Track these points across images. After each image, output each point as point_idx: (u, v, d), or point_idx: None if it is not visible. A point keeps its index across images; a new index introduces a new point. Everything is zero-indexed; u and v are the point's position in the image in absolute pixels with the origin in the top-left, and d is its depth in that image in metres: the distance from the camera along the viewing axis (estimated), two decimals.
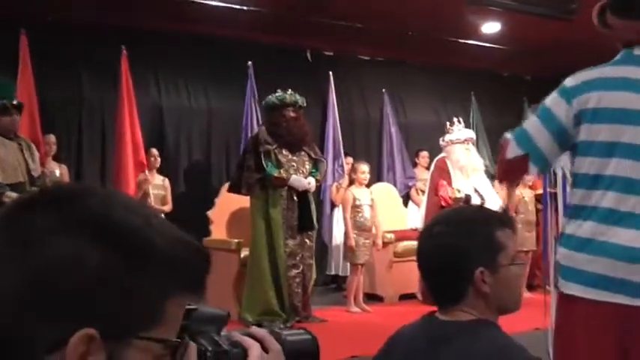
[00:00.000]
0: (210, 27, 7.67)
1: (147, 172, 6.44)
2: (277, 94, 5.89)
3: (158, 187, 6.68)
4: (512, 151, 2.15)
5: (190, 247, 0.72)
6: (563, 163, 3.20)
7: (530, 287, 7.42)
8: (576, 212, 2.08)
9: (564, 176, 3.21)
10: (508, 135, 2.22)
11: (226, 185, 6.63)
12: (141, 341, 0.67)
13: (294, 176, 5.71)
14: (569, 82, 2.12)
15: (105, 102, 7.02)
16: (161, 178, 6.80)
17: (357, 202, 6.44)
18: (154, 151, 6.80)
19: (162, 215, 6.65)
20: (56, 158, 6.44)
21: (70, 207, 0.67)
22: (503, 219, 1.62)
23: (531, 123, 2.16)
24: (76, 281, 0.64)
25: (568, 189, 3.18)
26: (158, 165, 6.80)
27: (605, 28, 2.10)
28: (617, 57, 2.11)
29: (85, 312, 0.64)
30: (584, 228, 2.02)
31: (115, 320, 0.65)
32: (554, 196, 3.83)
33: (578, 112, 2.05)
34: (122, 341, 0.66)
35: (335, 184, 8.00)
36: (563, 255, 2.09)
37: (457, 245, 1.51)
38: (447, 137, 7.03)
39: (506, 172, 2.45)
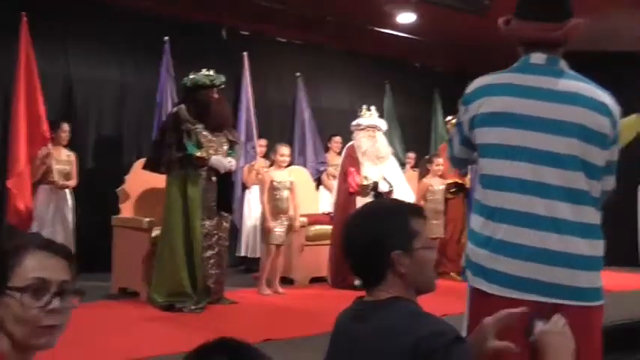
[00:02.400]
0: None
1: (50, 145, 6.13)
2: (206, 73, 5.73)
3: (63, 163, 6.41)
4: (447, 151, 2.46)
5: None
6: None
7: (437, 274, 7.66)
8: (479, 209, 2.18)
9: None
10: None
11: (138, 162, 6.44)
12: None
13: (214, 156, 5.62)
14: (467, 89, 2.25)
15: (9, 70, 6.64)
16: (67, 152, 6.52)
17: (275, 184, 6.42)
18: (66, 125, 6.50)
19: (67, 190, 6.40)
20: None
21: None
22: (417, 209, 1.81)
23: (453, 141, 2.37)
24: None
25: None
26: (67, 141, 6.52)
27: (508, 31, 2.20)
28: (516, 64, 2.22)
29: None
30: (488, 227, 2.11)
31: None
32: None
33: (472, 117, 2.18)
34: None
35: (247, 165, 7.96)
36: (472, 251, 2.17)
37: (376, 231, 1.69)
38: (353, 123, 7.15)
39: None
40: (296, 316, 5.40)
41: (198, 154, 5.55)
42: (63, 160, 6.43)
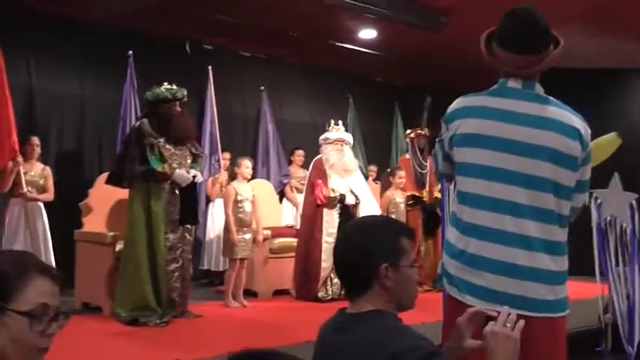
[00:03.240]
0: (89, 12, 7.41)
1: (20, 159, 6.09)
2: (167, 87, 5.76)
3: (37, 176, 6.39)
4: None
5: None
6: None
7: None
8: (455, 223, 2.31)
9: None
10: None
11: (101, 176, 6.43)
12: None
13: (177, 171, 5.63)
14: (449, 109, 2.38)
15: None
16: (41, 166, 6.50)
17: (239, 197, 6.46)
18: (35, 139, 6.48)
19: (42, 204, 6.32)
20: None
21: None
22: (407, 230, 1.88)
23: (437, 146, 2.48)
24: None
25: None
26: (38, 154, 6.50)
27: (490, 56, 2.31)
28: (494, 86, 2.34)
29: None
30: (461, 240, 2.24)
31: None
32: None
33: (452, 136, 2.31)
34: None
35: (211, 178, 7.99)
36: (446, 261, 2.30)
37: (366, 244, 1.76)
38: (321, 137, 7.26)
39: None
40: (262, 329, 5.44)
41: (160, 169, 5.57)
42: (37, 173, 6.41)
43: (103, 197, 6.36)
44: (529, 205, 2.16)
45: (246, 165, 6.58)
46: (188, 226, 5.79)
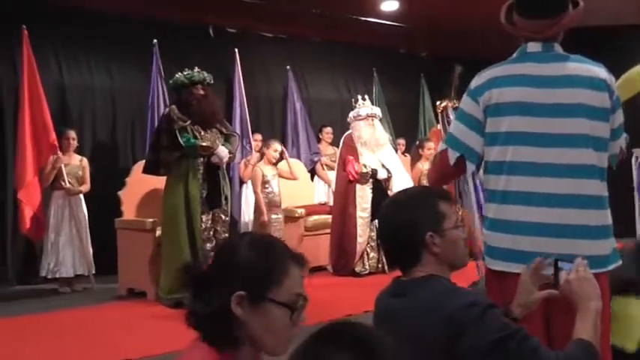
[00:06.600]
0: (111, 3, 7.50)
1: (60, 153, 6.28)
2: (185, 73, 5.86)
3: (75, 168, 6.59)
4: (452, 156, 2.37)
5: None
6: None
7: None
8: (490, 196, 2.33)
9: None
10: (442, 145, 2.44)
11: (137, 165, 6.56)
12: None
13: (220, 146, 5.77)
14: (473, 83, 2.38)
15: (3, 82, 6.76)
16: (78, 158, 6.70)
17: (266, 178, 6.55)
18: (71, 132, 6.66)
19: (81, 196, 6.51)
20: None
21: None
22: (443, 193, 1.93)
23: (455, 127, 2.40)
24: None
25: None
26: (74, 147, 6.68)
27: (510, 25, 2.35)
28: (515, 54, 2.38)
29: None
30: (496, 210, 2.27)
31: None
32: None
33: (485, 109, 2.32)
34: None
35: (243, 160, 8.07)
36: (485, 235, 2.34)
37: (407, 218, 1.82)
38: (351, 114, 7.28)
39: (445, 177, 2.63)
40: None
41: (204, 143, 5.68)
42: (75, 165, 6.60)
43: (140, 186, 6.50)
44: (570, 163, 2.19)
45: (274, 148, 6.66)
46: (223, 207, 5.89)
